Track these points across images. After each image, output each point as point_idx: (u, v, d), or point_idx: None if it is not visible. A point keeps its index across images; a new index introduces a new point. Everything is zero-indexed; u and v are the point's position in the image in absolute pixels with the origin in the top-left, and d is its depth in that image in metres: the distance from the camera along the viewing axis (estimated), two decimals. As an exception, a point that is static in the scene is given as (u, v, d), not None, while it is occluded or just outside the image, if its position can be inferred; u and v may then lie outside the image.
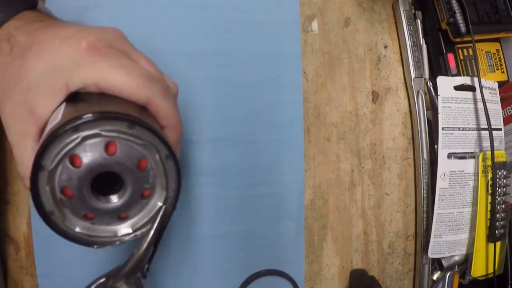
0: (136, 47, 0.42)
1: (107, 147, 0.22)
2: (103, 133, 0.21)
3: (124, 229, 0.24)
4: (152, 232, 0.24)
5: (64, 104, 0.23)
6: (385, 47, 0.48)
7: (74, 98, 0.24)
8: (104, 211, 0.23)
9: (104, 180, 0.22)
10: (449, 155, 0.44)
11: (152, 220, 0.24)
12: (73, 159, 0.21)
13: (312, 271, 0.45)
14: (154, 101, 0.24)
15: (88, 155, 0.22)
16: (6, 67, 0.24)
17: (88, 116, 0.21)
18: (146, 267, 0.25)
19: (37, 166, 0.21)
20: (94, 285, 0.26)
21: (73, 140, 0.21)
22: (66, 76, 0.23)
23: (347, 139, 0.46)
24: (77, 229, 0.23)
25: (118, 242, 0.24)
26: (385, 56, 0.48)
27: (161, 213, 0.24)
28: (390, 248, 0.47)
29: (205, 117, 0.42)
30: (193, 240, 0.41)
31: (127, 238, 0.24)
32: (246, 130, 0.43)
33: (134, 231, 0.24)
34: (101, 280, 0.26)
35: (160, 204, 0.24)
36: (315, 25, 0.46)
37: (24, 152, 0.24)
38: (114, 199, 0.23)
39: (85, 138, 0.21)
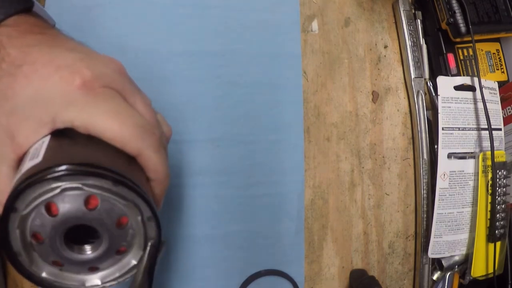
0: (136, 47, 0.42)
1: (87, 201, 0.20)
2: (85, 188, 0.20)
3: (93, 280, 0.23)
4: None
5: (48, 137, 0.22)
6: (385, 47, 0.48)
7: (60, 132, 0.22)
8: (74, 261, 0.22)
9: (79, 229, 0.21)
10: (449, 155, 0.44)
11: (123, 277, 0.23)
12: (50, 206, 0.20)
13: (312, 271, 0.45)
14: (145, 154, 0.23)
15: (66, 206, 0.20)
16: None
17: (71, 167, 0.20)
18: None
19: (10, 208, 0.20)
20: None
21: (52, 189, 0.20)
22: (54, 111, 0.21)
23: (347, 139, 0.46)
24: (44, 274, 0.22)
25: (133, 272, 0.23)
26: (385, 56, 0.48)
27: (144, 261, 0.23)
28: (390, 248, 0.47)
29: (205, 117, 0.42)
30: (193, 240, 0.41)
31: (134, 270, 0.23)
32: (246, 130, 0.43)
33: (103, 283, 0.23)
34: None
35: (134, 262, 0.23)
36: (315, 25, 0.46)
37: None
38: (87, 252, 0.22)
39: (65, 190, 0.20)
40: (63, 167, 0.19)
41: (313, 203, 0.45)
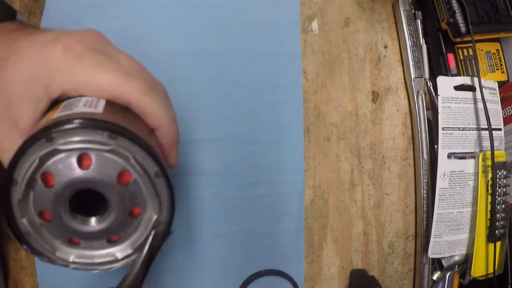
0: (136, 47, 0.42)
1: (80, 161, 0.19)
2: (63, 147, 0.19)
3: (124, 251, 0.22)
4: (141, 258, 0.22)
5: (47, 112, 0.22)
6: (385, 47, 0.48)
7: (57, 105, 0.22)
8: (89, 234, 0.21)
9: (85, 200, 0.20)
10: (449, 155, 0.44)
11: (152, 239, 0.22)
12: (46, 177, 0.19)
13: (312, 271, 0.45)
14: (136, 99, 0.22)
15: (60, 172, 0.19)
16: None
17: (63, 122, 0.19)
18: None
19: (9, 181, 0.19)
20: None
21: (35, 160, 0.19)
22: (45, 84, 0.22)
23: (347, 139, 0.46)
24: (71, 258, 0.21)
25: (120, 264, 0.22)
26: (385, 56, 0.48)
27: (150, 239, 0.22)
28: (390, 248, 0.47)
29: (205, 117, 0.42)
30: (193, 240, 0.41)
31: (130, 259, 0.22)
32: (246, 130, 0.43)
33: (135, 249, 0.22)
34: None
35: (155, 216, 0.22)
36: (315, 25, 0.46)
37: None
38: (96, 220, 0.21)
39: (46, 156, 0.19)
40: (54, 126, 0.19)
41: (313, 203, 0.45)
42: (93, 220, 0.21)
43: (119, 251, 0.22)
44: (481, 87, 0.44)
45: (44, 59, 0.22)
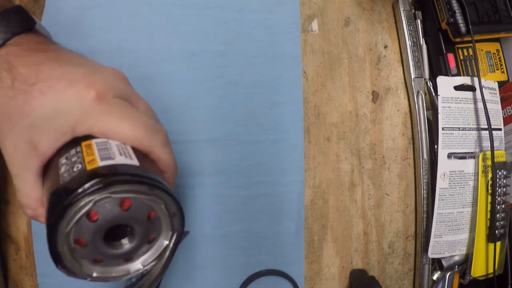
0: (136, 47, 0.43)
1: (122, 203, 0.23)
2: (115, 195, 0.23)
3: (135, 266, 0.26)
4: (163, 261, 0.27)
5: (77, 148, 0.24)
6: (385, 47, 0.48)
7: (78, 142, 0.25)
8: (113, 256, 0.25)
9: (114, 229, 0.24)
10: (449, 155, 0.44)
11: (160, 257, 0.27)
12: (90, 215, 0.22)
13: (312, 271, 0.45)
14: (156, 151, 0.26)
15: (105, 212, 0.23)
16: (7, 100, 0.24)
17: (114, 176, 0.22)
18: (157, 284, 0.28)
19: (54, 231, 0.22)
20: None
21: (88, 203, 0.22)
22: (73, 122, 0.24)
23: (347, 139, 0.46)
24: (95, 274, 0.25)
25: (129, 276, 0.26)
26: (385, 56, 0.48)
27: (168, 253, 0.27)
28: (390, 248, 0.47)
29: (205, 117, 0.42)
30: (193, 240, 0.41)
31: (139, 271, 0.27)
32: (246, 130, 0.43)
33: (145, 266, 0.27)
34: None
35: (166, 242, 0.26)
36: (315, 25, 0.46)
37: (25, 184, 0.25)
38: (124, 246, 0.25)
39: (99, 200, 0.22)
40: (90, 184, 0.22)
41: (313, 203, 0.45)
42: (119, 246, 0.25)
43: (132, 267, 0.26)
44: (481, 87, 0.44)
45: (75, 99, 0.24)
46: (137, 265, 0.26)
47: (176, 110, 0.41)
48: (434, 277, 0.46)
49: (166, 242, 0.26)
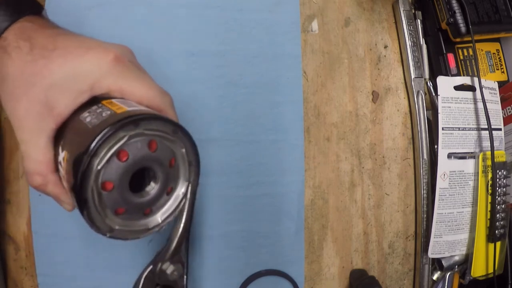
0: (136, 47, 0.42)
1: (150, 145, 0.24)
2: (147, 131, 0.24)
3: (154, 220, 0.27)
4: (185, 214, 0.27)
5: (99, 105, 0.25)
6: (385, 47, 0.48)
7: (97, 101, 0.26)
8: (135, 206, 0.25)
9: (136, 177, 0.24)
10: (449, 155, 0.44)
11: (177, 209, 0.27)
12: (121, 154, 0.23)
13: (312, 271, 0.45)
14: (165, 110, 0.27)
15: (135, 151, 0.23)
16: (25, 65, 0.25)
17: (135, 117, 0.23)
18: (185, 244, 0.28)
19: (87, 171, 0.22)
20: (145, 274, 0.28)
21: (121, 138, 0.23)
22: (92, 81, 0.25)
23: (347, 139, 0.46)
24: (117, 227, 0.25)
25: (148, 234, 0.27)
26: (385, 56, 0.48)
27: (189, 194, 0.27)
28: (390, 248, 0.47)
29: (205, 117, 0.42)
30: (193, 240, 0.41)
31: (158, 227, 0.27)
32: (246, 130, 0.43)
33: (163, 220, 0.27)
34: (149, 268, 0.28)
35: (183, 191, 0.27)
36: (315, 25, 0.46)
37: (36, 148, 0.25)
38: (148, 192, 0.26)
39: (131, 137, 0.23)
40: (128, 119, 0.23)
41: (313, 203, 0.45)
42: (143, 194, 0.25)
43: (151, 221, 0.26)
44: (481, 87, 0.44)
45: (94, 61, 0.25)
46: (156, 219, 0.27)
47: (176, 110, 0.41)
48: (434, 277, 0.46)
49: (183, 191, 0.27)
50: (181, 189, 0.27)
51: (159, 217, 0.27)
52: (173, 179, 0.26)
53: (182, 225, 0.27)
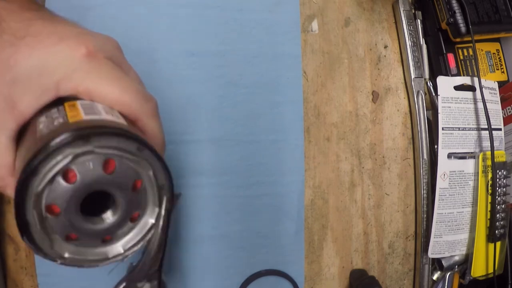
0: (136, 47, 0.42)
1: (105, 164, 0.20)
2: (99, 150, 0.20)
3: (115, 249, 0.23)
4: (157, 241, 0.24)
5: (59, 107, 0.22)
6: (385, 47, 0.48)
7: (61, 102, 0.22)
8: (89, 233, 0.22)
9: (91, 201, 0.21)
10: (449, 155, 0.44)
11: (143, 239, 0.24)
12: (68, 174, 0.20)
13: (312, 271, 0.45)
14: (144, 119, 0.24)
15: (85, 172, 0.20)
16: None
17: (101, 127, 0.20)
18: (160, 261, 0.24)
19: (23, 190, 0.19)
20: None
21: (66, 156, 0.19)
22: (58, 77, 0.22)
23: (347, 139, 0.46)
24: (66, 254, 0.22)
25: (108, 263, 0.23)
26: (385, 56, 0.48)
27: (161, 221, 0.23)
28: (390, 248, 0.47)
29: (205, 117, 0.42)
30: (193, 240, 0.41)
31: (119, 258, 0.23)
32: (246, 130, 0.43)
33: (126, 250, 0.23)
34: (123, 285, 0.25)
35: (152, 221, 0.23)
36: (315, 25, 0.46)
37: None
38: (104, 220, 0.22)
39: (78, 155, 0.20)
40: (71, 133, 0.19)
41: (313, 203, 0.45)
42: (98, 220, 0.22)
43: (110, 250, 0.23)
44: (481, 87, 0.44)
45: (64, 54, 0.22)
46: (117, 248, 0.23)
47: (176, 110, 0.41)
48: (434, 277, 0.46)
49: (152, 221, 0.23)
50: (149, 217, 0.23)
51: (120, 246, 0.23)
52: (138, 205, 0.23)
53: (154, 251, 0.24)
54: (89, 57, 0.22)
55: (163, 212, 0.23)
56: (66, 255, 0.22)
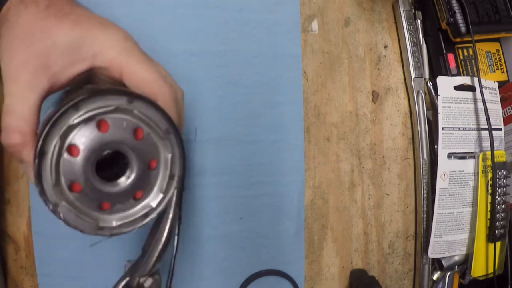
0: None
1: (136, 130, 0.22)
2: (137, 113, 0.22)
3: (109, 220, 0.24)
4: (167, 226, 0.25)
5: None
6: (385, 47, 0.48)
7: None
8: (118, 194, 0.23)
9: (109, 167, 0.22)
10: (449, 155, 0.44)
11: (165, 199, 0.24)
12: (71, 149, 0.21)
13: (312, 271, 0.45)
14: (165, 103, 0.25)
15: (83, 140, 0.21)
16: (37, 19, 0.24)
17: (81, 95, 0.21)
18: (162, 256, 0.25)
19: (41, 152, 0.21)
20: (120, 286, 0.25)
21: (108, 106, 0.21)
22: (96, 50, 0.24)
23: (347, 139, 0.46)
24: (115, 223, 0.23)
25: (95, 233, 0.23)
26: (385, 56, 0.48)
27: (174, 197, 0.24)
28: (390, 248, 0.47)
29: (205, 117, 0.42)
30: (193, 240, 0.41)
31: (107, 233, 0.24)
32: (246, 130, 0.43)
33: (119, 225, 0.24)
34: (126, 280, 0.25)
35: (153, 205, 0.24)
36: (315, 25, 0.46)
37: (25, 104, 0.23)
38: (115, 185, 0.23)
39: (119, 110, 0.21)
40: (118, 89, 0.22)
41: (313, 203, 0.45)
42: (120, 179, 0.23)
43: (103, 219, 0.23)
44: (481, 87, 0.44)
45: (103, 33, 0.25)
46: (110, 221, 0.23)
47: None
48: (434, 277, 0.46)
49: (169, 155, 0.24)
50: (152, 200, 0.24)
51: (114, 220, 0.23)
52: (146, 184, 0.24)
53: (162, 241, 0.24)
54: (126, 40, 0.26)
55: (166, 199, 0.24)
56: (115, 224, 0.23)
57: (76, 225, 0.22)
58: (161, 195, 0.24)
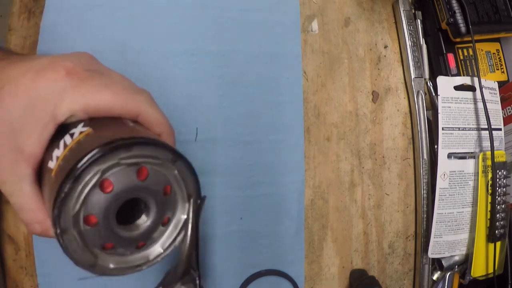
0: (136, 47, 0.43)
1: (139, 172, 0.22)
2: (126, 161, 0.21)
3: (155, 250, 0.24)
4: (189, 234, 0.25)
5: (69, 134, 0.22)
6: (385, 47, 0.48)
7: (64, 130, 0.23)
8: (126, 239, 0.23)
9: (122, 210, 0.22)
10: (449, 155, 0.44)
11: (179, 234, 0.25)
12: (104, 184, 0.21)
13: (312, 271, 0.45)
14: (144, 111, 0.24)
15: (121, 179, 0.21)
16: None
17: (127, 140, 0.21)
18: (196, 263, 0.26)
19: (60, 217, 0.20)
20: None
21: (97, 172, 0.20)
22: (51, 107, 0.22)
23: (347, 139, 0.46)
24: (111, 265, 0.23)
25: (150, 264, 0.25)
26: (385, 56, 0.48)
27: (189, 226, 0.25)
28: (390, 248, 0.47)
29: (205, 117, 0.42)
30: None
31: (160, 257, 0.25)
32: (246, 130, 0.43)
33: (165, 249, 0.25)
34: None
35: (184, 217, 0.25)
36: (315, 25, 0.46)
37: (24, 198, 0.23)
38: (139, 226, 0.23)
39: (111, 166, 0.21)
40: (97, 149, 0.20)
41: (313, 203, 0.45)
42: (134, 227, 0.23)
43: (151, 253, 0.24)
44: (481, 87, 0.44)
45: (47, 84, 0.22)
46: (156, 249, 0.24)
47: (176, 110, 0.41)
48: (434, 277, 0.46)
49: (184, 217, 0.24)
50: (181, 214, 0.25)
51: (111, 262, 0.23)
52: (169, 208, 0.24)
53: (187, 244, 0.25)
54: (70, 76, 0.22)
55: (163, 255, 0.25)
56: (111, 265, 0.23)
57: (73, 256, 0.22)
58: (186, 205, 0.25)
